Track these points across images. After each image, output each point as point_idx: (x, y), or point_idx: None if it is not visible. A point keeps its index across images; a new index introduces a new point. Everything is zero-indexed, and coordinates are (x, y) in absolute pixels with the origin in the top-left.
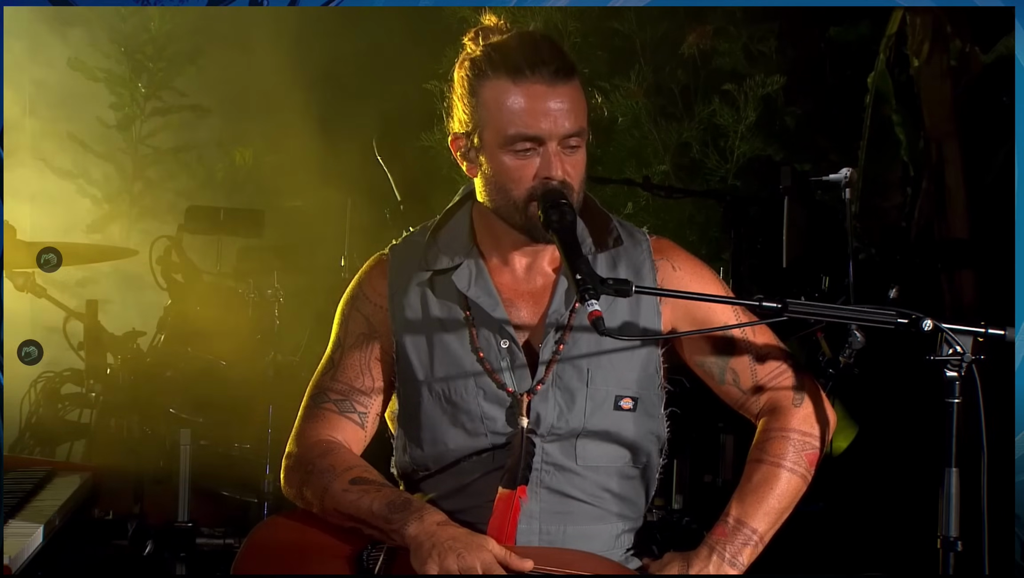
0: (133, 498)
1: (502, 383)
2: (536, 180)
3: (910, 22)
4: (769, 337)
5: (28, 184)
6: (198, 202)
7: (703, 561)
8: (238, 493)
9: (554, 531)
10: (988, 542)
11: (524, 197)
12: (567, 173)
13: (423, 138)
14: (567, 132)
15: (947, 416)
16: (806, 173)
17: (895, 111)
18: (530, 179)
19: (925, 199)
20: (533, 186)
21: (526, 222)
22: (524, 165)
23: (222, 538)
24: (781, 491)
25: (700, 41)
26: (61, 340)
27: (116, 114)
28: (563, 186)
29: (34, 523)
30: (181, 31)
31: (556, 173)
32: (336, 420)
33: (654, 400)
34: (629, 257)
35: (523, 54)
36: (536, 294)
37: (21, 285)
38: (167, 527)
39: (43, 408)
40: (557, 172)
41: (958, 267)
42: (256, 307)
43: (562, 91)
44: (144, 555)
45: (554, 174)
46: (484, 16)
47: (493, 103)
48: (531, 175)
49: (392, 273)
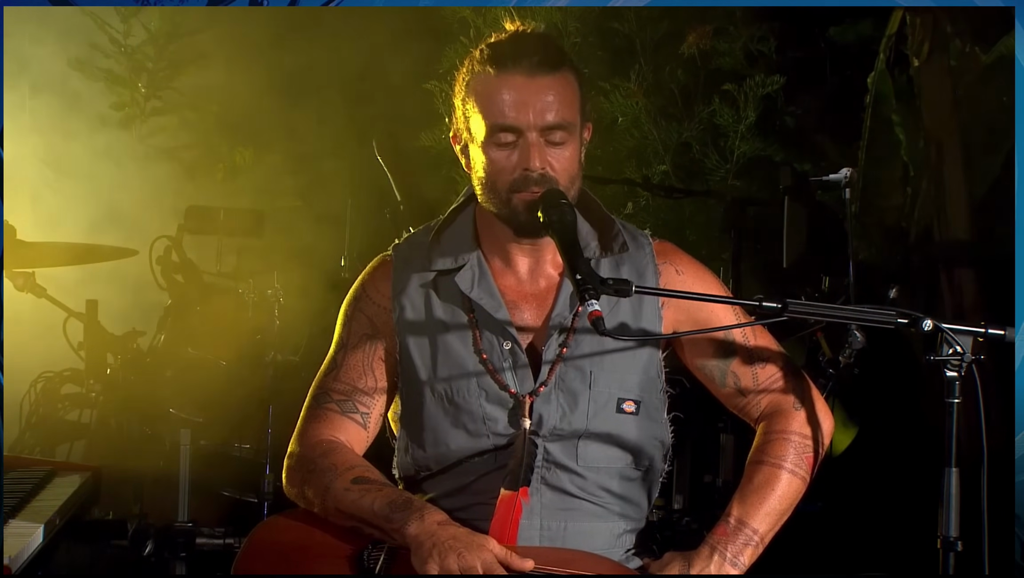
0: (133, 498)
1: (504, 384)
2: (516, 172)
3: (910, 22)
4: (769, 341)
5: (28, 184)
6: (198, 202)
7: (704, 561)
8: (238, 493)
9: (555, 528)
10: (988, 542)
11: (506, 189)
12: (549, 166)
13: (423, 138)
14: (548, 124)
15: (947, 416)
16: (806, 173)
17: (895, 111)
18: (511, 171)
19: (925, 199)
20: (515, 178)
21: (511, 215)
22: (506, 156)
23: (222, 538)
24: (782, 493)
25: (700, 41)
26: (61, 340)
27: (116, 114)
28: (543, 179)
29: (34, 523)
30: (181, 31)
31: (534, 164)
32: (338, 420)
33: (656, 404)
34: (632, 261)
35: (508, 47)
36: (539, 296)
37: (21, 285)
38: (167, 527)
39: (43, 408)
40: (535, 163)
41: (958, 267)
42: (256, 307)
43: (544, 82)
44: (144, 555)
45: (532, 165)
46: (507, 21)
47: (479, 96)
48: (512, 167)
49: (396, 274)
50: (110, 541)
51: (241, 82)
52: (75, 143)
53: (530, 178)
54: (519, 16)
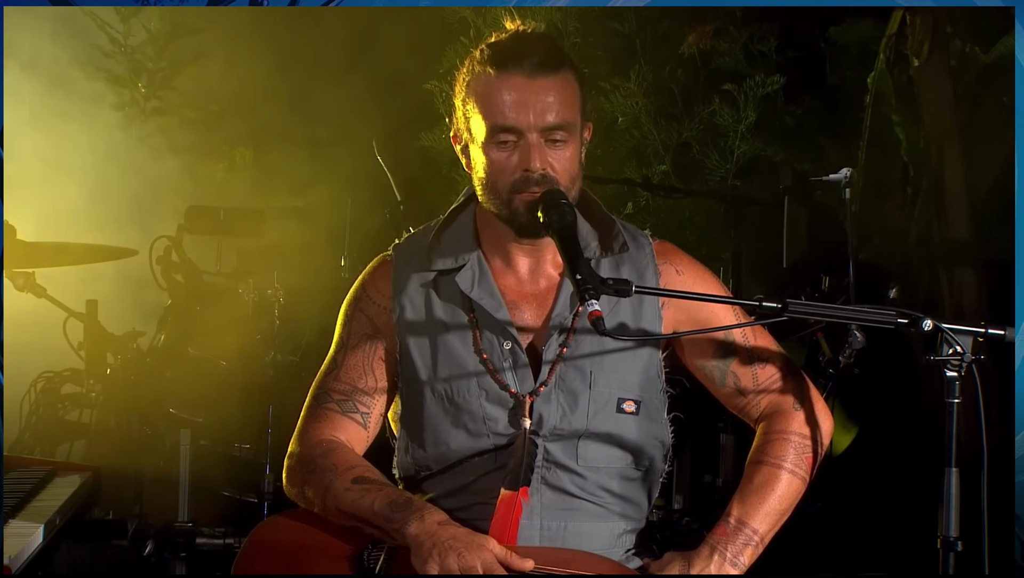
0: (133, 498)
1: (504, 384)
2: (517, 173)
3: (910, 22)
4: (769, 341)
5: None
6: (198, 202)
7: (704, 561)
8: (238, 493)
9: (555, 528)
10: (988, 542)
11: (507, 190)
12: (549, 166)
13: (423, 138)
14: (548, 124)
15: (947, 416)
16: (806, 173)
17: (895, 111)
18: (512, 171)
19: (925, 199)
20: (515, 179)
21: (511, 216)
22: (506, 157)
23: (222, 538)
24: (782, 493)
25: (700, 41)
26: (61, 340)
27: (116, 114)
28: (544, 180)
29: (34, 523)
30: (181, 31)
31: (535, 165)
32: (338, 420)
33: (656, 404)
34: (633, 261)
35: (509, 48)
36: (540, 296)
37: (21, 285)
38: (167, 527)
39: (43, 408)
40: (535, 164)
41: (958, 267)
42: (256, 307)
43: (545, 83)
44: (144, 555)
45: (533, 166)
46: (507, 20)
47: (479, 96)
48: (513, 167)
49: (396, 274)
50: (110, 541)
51: (241, 82)
52: (75, 143)
53: (531, 179)
54: (519, 16)
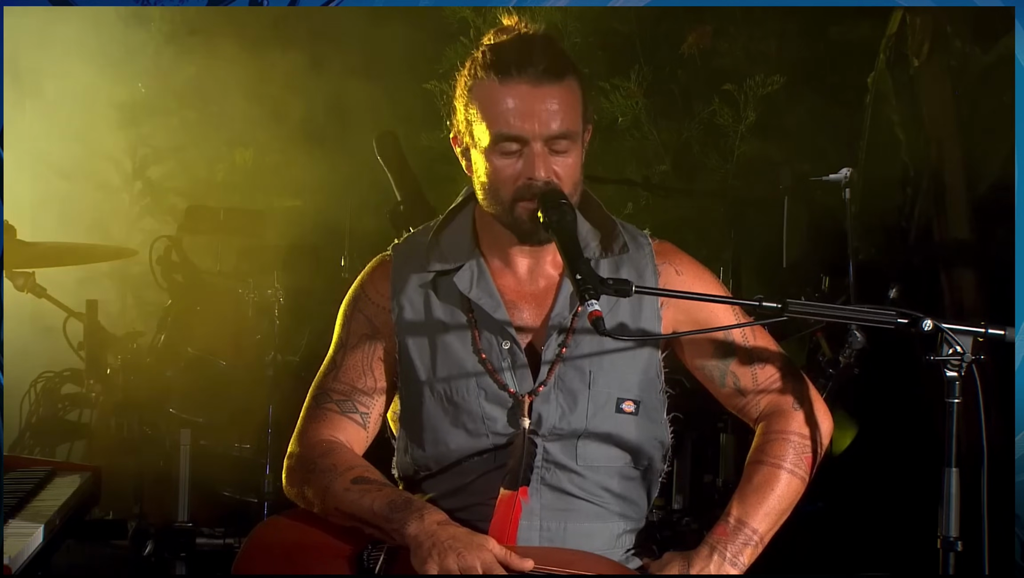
0: (133, 498)
1: (503, 384)
2: (521, 181)
3: (910, 22)
4: (768, 341)
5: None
6: (198, 202)
7: (704, 560)
8: (238, 493)
9: (554, 528)
10: (988, 542)
11: (510, 197)
12: (554, 174)
13: (423, 138)
14: (553, 133)
15: (947, 416)
16: (806, 173)
17: (895, 111)
18: (515, 179)
19: (925, 199)
20: (519, 187)
21: (513, 223)
22: (510, 165)
23: (222, 538)
24: (781, 492)
25: (700, 41)
26: (61, 340)
27: (116, 113)
28: (547, 187)
29: (34, 523)
30: (181, 31)
31: (539, 174)
32: (338, 420)
33: (656, 404)
34: (632, 261)
35: (513, 54)
36: (539, 296)
37: (21, 285)
38: (167, 527)
39: (43, 408)
40: (540, 173)
41: (958, 267)
42: (256, 307)
43: (549, 92)
44: (144, 555)
45: (537, 175)
46: (504, 16)
47: (482, 103)
48: (516, 175)
49: (395, 274)
50: (110, 541)
51: (240, 82)
52: (75, 143)
53: (534, 187)
54: (519, 16)
